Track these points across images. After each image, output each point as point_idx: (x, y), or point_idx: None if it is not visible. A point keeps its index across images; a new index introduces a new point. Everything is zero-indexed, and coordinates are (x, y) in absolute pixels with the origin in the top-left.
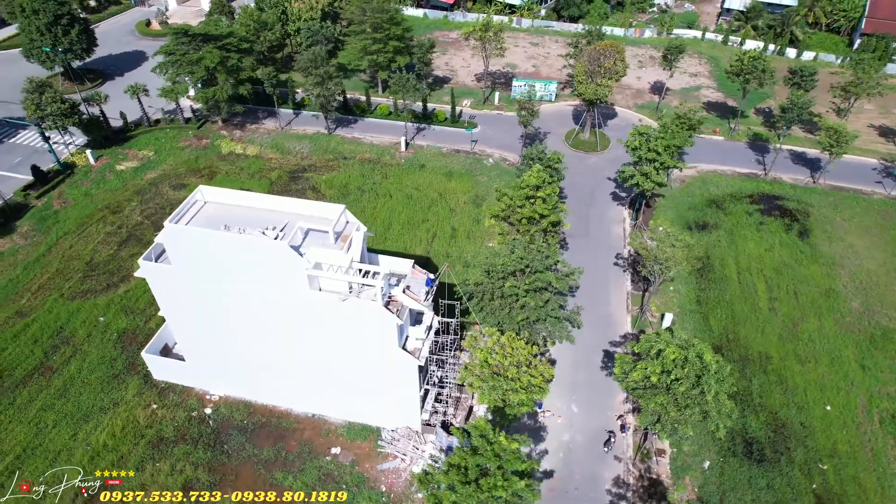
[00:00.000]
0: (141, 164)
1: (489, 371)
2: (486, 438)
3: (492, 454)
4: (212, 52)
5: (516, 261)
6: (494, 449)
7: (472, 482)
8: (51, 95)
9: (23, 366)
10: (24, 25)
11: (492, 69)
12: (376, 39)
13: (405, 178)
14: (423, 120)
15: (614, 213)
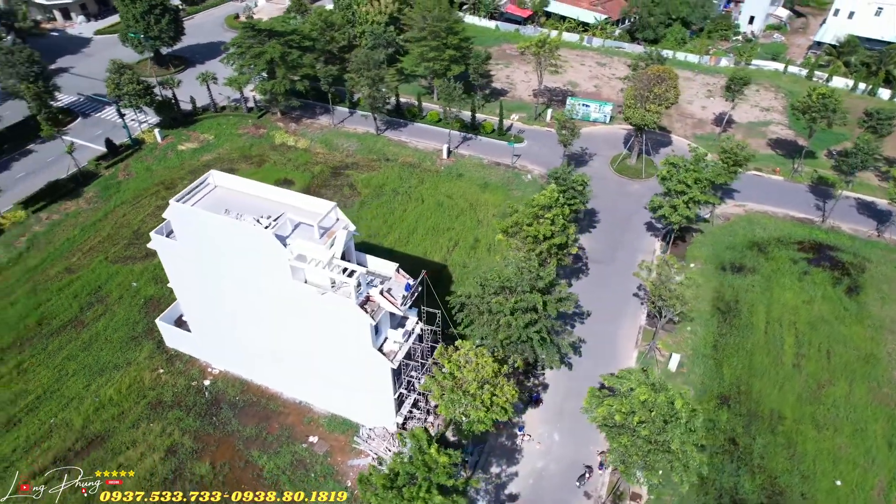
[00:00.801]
0: (200, 147)
1: (452, 384)
2: (420, 448)
3: (421, 464)
4: (274, 47)
5: (505, 279)
6: (425, 459)
7: (395, 488)
8: (128, 77)
9: (60, 317)
10: (123, 13)
11: (551, 86)
12: (433, 47)
13: (441, 185)
14: (470, 130)
15: (646, 244)
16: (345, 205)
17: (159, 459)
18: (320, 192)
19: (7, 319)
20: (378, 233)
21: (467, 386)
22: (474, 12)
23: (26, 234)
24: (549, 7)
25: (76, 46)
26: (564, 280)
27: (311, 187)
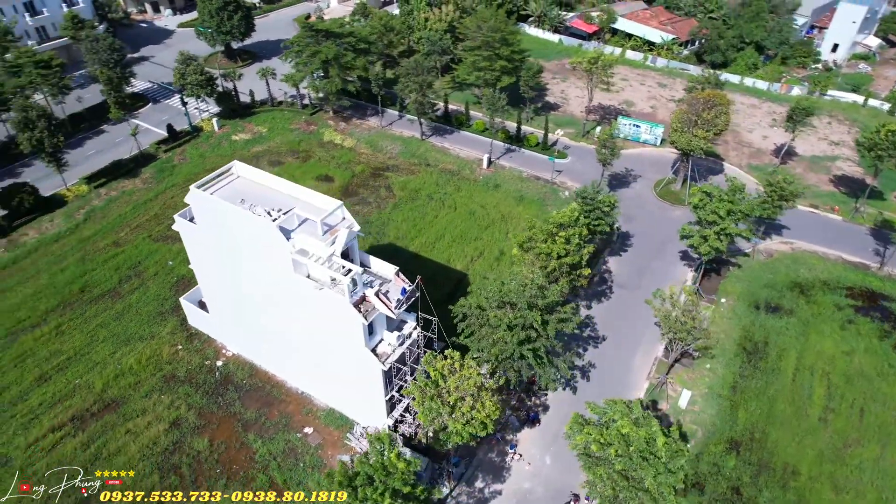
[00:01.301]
0: (252, 138)
1: (433, 392)
2: (381, 451)
3: (380, 466)
4: (328, 48)
5: (505, 293)
6: (384, 463)
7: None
8: (193, 68)
9: (101, 286)
10: (200, 8)
11: (605, 103)
12: (485, 57)
13: (476, 195)
14: (514, 142)
15: (677, 273)
16: (379, 206)
17: (163, 430)
18: (357, 191)
19: (56, 284)
20: (406, 236)
21: (448, 396)
22: (539, 25)
23: (85, 207)
24: (616, 24)
25: (160, 37)
26: (583, 302)
27: (350, 186)
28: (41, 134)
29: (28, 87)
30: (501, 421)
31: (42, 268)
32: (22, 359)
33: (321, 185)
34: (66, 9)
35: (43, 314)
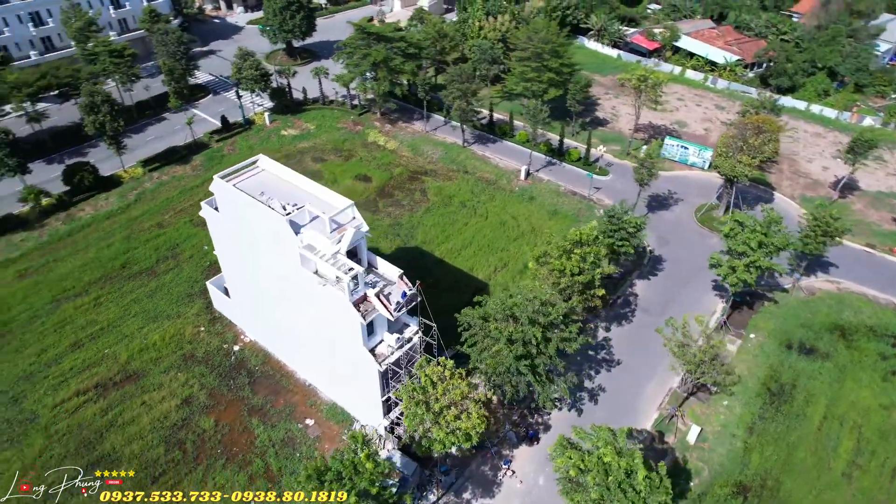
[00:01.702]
0: (300, 134)
1: (420, 398)
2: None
3: (350, 464)
4: (378, 51)
5: (508, 307)
6: (354, 461)
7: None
8: (249, 63)
9: (140, 264)
10: (266, 6)
11: (657, 122)
12: (533, 68)
13: (509, 205)
14: (555, 155)
15: (706, 303)
16: (412, 209)
17: (175, 406)
18: (393, 193)
19: (101, 258)
20: (434, 240)
21: (434, 404)
22: (598, 39)
23: (138, 189)
24: (679, 42)
25: (229, 33)
26: (602, 323)
27: (386, 187)
28: (104, 118)
29: (101, 74)
30: (500, 435)
31: (91, 242)
32: (62, 325)
33: (359, 185)
34: (146, 3)
35: (86, 285)
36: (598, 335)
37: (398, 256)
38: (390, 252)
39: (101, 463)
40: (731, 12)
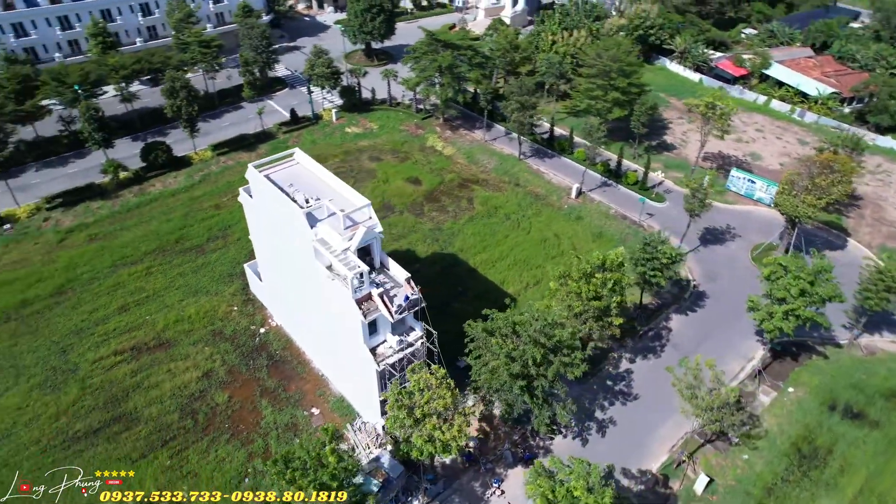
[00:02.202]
0: (362, 132)
1: (404, 402)
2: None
3: (315, 456)
4: (444, 57)
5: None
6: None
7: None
8: (322, 61)
9: (192, 241)
10: (349, 8)
11: (728, 152)
12: (598, 85)
13: (554, 223)
14: (612, 176)
15: (744, 348)
16: (456, 216)
17: (196, 377)
18: (440, 199)
19: (160, 231)
20: (470, 249)
21: (416, 410)
22: (681, 61)
23: (204, 171)
24: (769, 70)
25: (316, 31)
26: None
27: (435, 192)
28: (181, 102)
29: (189, 62)
30: (497, 452)
31: (155, 216)
32: (115, 288)
33: (408, 187)
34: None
35: (142, 255)
36: (619, 365)
37: (432, 261)
38: (425, 256)
39: (120, 420)
40: (836, 42)
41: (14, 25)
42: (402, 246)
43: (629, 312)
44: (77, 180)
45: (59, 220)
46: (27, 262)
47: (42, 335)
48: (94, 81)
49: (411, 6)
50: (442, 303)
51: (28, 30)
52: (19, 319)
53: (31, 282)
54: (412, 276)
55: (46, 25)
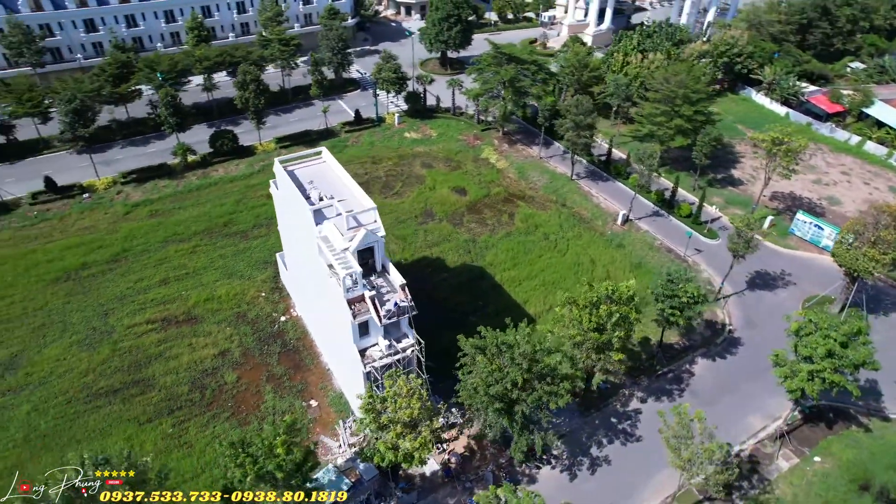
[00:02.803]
0: (421, 138)
1: (376, 407)
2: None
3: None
4: (507, 70)
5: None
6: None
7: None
8: (389, 66)
9: (239, 226)
10: (429, 16)
11: (801, 193)
12: (661, 111)
13: (592, 248)
14: (665, 206)
15: (769, 405)
16: (493, 230)
17: (212, 355)
18: (482, 211)
19: (212, 214)
20: (500, 265)
21: (383, 417)
22: (768, 93)
23: (264, 161)
24: (871, 108)
25: (399, 36)
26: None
27: (478, 204)
28: (249, 94)
29: (268, 59)
30: (479, 472)
31: (211, 199)
32: (161, 262)
33: (452, 196)
34: (330, 1)
35: (191, 234)
36: (629, 403)
37: (459, 272)
38: (454, 266)
39: (138, 384)
40: None
41: (127, 17)
42: (433, 253)
43: (651, 349)
44: (153, 159)
45: (128, 195)
46: (94, 230)
47: (91, 297)
48: (179, 71)
49: (496, 19)
50: (462, 314)
51: (138, 21)
52: (77, 280)
53: (93, 247)
54: (437, 284)
55: (154, 18)
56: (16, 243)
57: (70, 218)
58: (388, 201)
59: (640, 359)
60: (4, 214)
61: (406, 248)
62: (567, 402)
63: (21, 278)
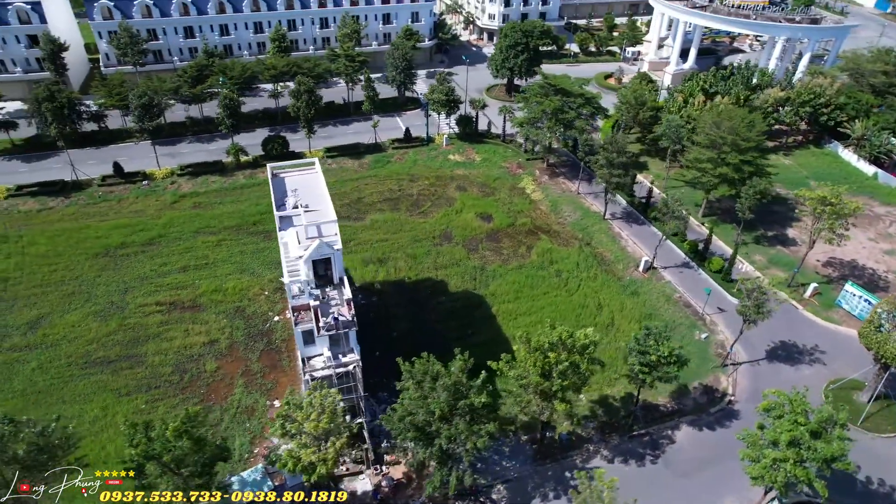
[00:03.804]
0: (464, 161)
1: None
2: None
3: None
4: (552, 101)
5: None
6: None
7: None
8: (442, 88)
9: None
10: (497, 43)
11: (860, 261)
12: (706, 157)
13: (604, 291)
14: (696, 257)
15: (753, 492)
16: (506, 261)
17: (201, 342)
18: (501, 240)
19: (245, 212)
20: (501, 297)
21: (290, 425)
22: (856, 150)
23: None
24: None
25: (477, 60)
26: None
27: (499, 233)
28: (301, 104)
29: (334, 72)
30: (410, 502)
31: (251, 198)
32: (187, 251)
33: (476, 222)
34: (408, 22)
35: (221, 228)
36: (590, 460)
37: (457, 298)
38: (454, 292)
39: (130, 358)
40: None
41: (221, 26)
42: (438, 276)
43: (630, 406)
44: (212, 156)
45: (180, 186)
46: (142, 213)
47: (120, 273)
48: (248, 77)
49: (577, 51)
50: (446, 340)
51: (230, 30)
52: (113, 257)
53: (136, 229)
54: (432, 307)
55: (244, 28)
56: (76, 218)
57: (127, 201)
58: (412, 219)
59: (617, 415)
60: (77, 192)
61: (413, 268)
62: (485, 445)
63: (70, 249)
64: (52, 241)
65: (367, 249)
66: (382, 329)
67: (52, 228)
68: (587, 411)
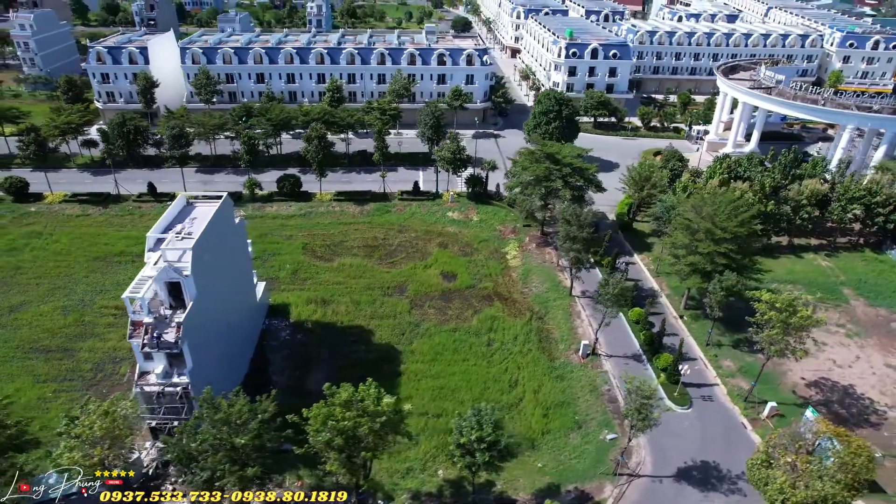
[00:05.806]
0: (460, 219)
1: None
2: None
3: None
4: (538, 167)
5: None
6: None
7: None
8: (448, 147)
9: None
10: (534, 108)
11: (863, 391)
12: (681, 243)
13: (529, 369)
14: (648, 350)
15: None
16: (446, 321)
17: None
18: (452, 300)
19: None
20: (420, 357)
21: (70, 428)
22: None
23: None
24: None
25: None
26: None
27: (454, 293)
28: (312, 149)
29: (366, 124)
30: None
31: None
32: None
33: (436, 279)
34: (461, 84)
35: None
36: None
37: (375, 350)
38: (374, 343)
39: (66, 351)
40: None
41: (288, 75)
42: (370, 325)
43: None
44: (236, 187)
45: None
46: None
47: (104, 277)
48: (281, 121)
49: (639, 124)
50: None
51: (296, 79)
52: (107, 262)
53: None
54: (344, 354)
55: (308, 78)
56: (101, 226)
57: (147, 216)
58: (378, 268)
59: (465, 499)
60: (114, 203)
61: (350, 313)
62: None
63: (79, 250)
64: (71, 242)
65: (318, 290)
66: (292, 365)
67: (77, 231)
68: (434, 489)
